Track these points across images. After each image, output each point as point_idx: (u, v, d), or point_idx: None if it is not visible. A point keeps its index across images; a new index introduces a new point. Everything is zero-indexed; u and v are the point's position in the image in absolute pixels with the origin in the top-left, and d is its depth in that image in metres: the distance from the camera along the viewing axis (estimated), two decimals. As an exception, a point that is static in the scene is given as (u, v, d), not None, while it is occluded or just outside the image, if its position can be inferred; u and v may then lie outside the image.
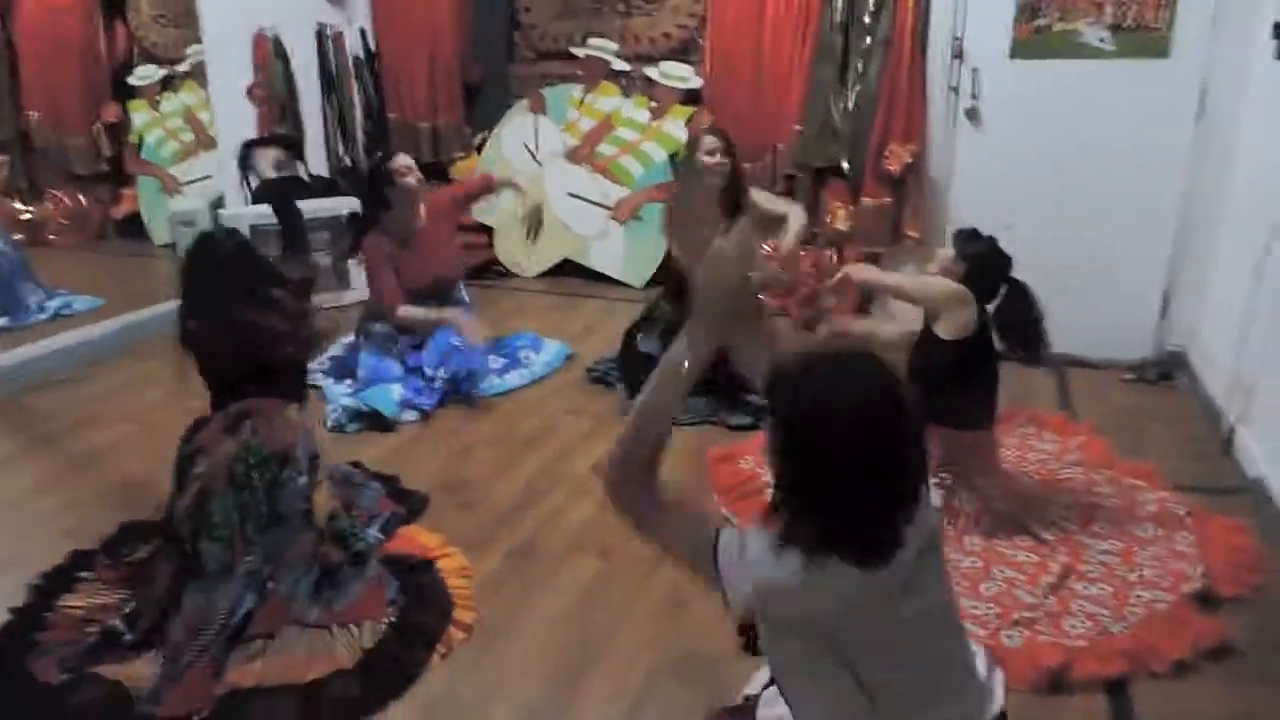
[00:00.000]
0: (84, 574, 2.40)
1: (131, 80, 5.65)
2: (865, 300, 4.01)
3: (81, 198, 5.89)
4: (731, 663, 2.01)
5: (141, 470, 2.96)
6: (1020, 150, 3.75)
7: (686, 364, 1.34)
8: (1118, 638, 2.12)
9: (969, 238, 2.64)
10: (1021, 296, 2.60)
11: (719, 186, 3.29)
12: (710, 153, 3.29)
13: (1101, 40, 3.55)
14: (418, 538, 2.60)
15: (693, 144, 3.45)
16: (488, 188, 4.11)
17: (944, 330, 2.50)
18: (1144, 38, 3.50)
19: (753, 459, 2.93)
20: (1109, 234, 3.68)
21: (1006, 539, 2.51)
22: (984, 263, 2.60)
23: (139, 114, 5.71)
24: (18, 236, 5.61)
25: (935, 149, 3.93)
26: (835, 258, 4.04)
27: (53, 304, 4.64)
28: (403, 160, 3.60)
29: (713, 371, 3.42)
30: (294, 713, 1.90)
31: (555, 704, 1.97)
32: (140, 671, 2.01)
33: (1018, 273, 2.65)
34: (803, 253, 4.39)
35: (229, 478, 2.11)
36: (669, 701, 1.96)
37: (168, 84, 5.55)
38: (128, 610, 2.20)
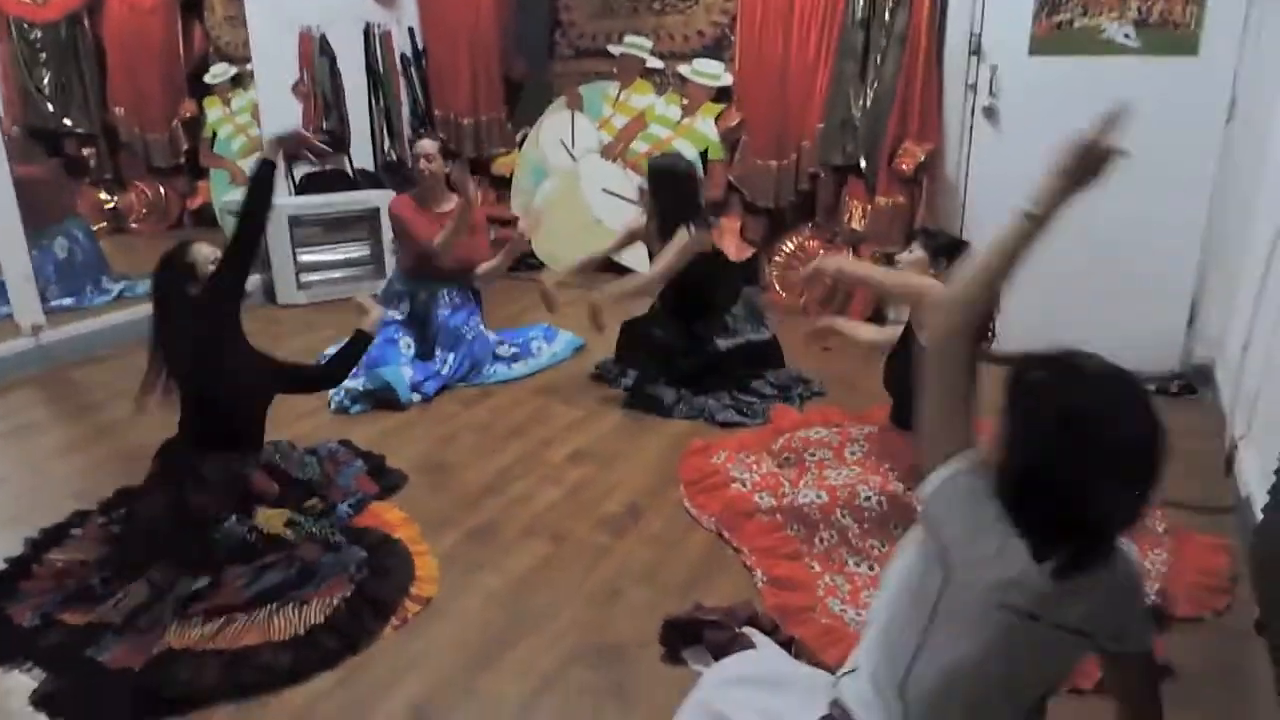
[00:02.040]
0: (75, 531, 2.60)
1: (206, 78, 5.98)
2: (879, 303, 3.94)
3: (160, 189, 6.29)
4: (645, 657, 2.05)
5: (154, 441, 3.16)
6: (1040, 150, 3.55)
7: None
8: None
9: (931, 234, 2.59)
10: None
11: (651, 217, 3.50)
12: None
13: (1126, 37, 3.39)
14: (384, 514, 2.71)
15: None
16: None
17: (927, 338, 2.40)
18: (1171, 34, 3.33)
19: (725, 454, 2.94)
20: (1133, 239, 3.51)
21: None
22: (955, 255, 2.51)
23: (212, 110, 6.05)
24: (102, 224, 6.05)
25: (951, 148, 3.83)
26: (851, 257, 3.98)
27: (117, 286, 4.97)
28: (426, 145, 3.70)
29: (716, 363, 3.47)
30: (218, 674, 2.00)
31: (465, 678, 2.03)
32: (100, 622, 2.18)
33: (1035, 275, 2.52)
34: (821, 252, 4.36)
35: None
36: (574, 685, 2.00)
37: (238, 81, 5.86)
38: (103, 568, 2.38)
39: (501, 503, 2.80)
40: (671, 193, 3.41)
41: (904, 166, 3.79)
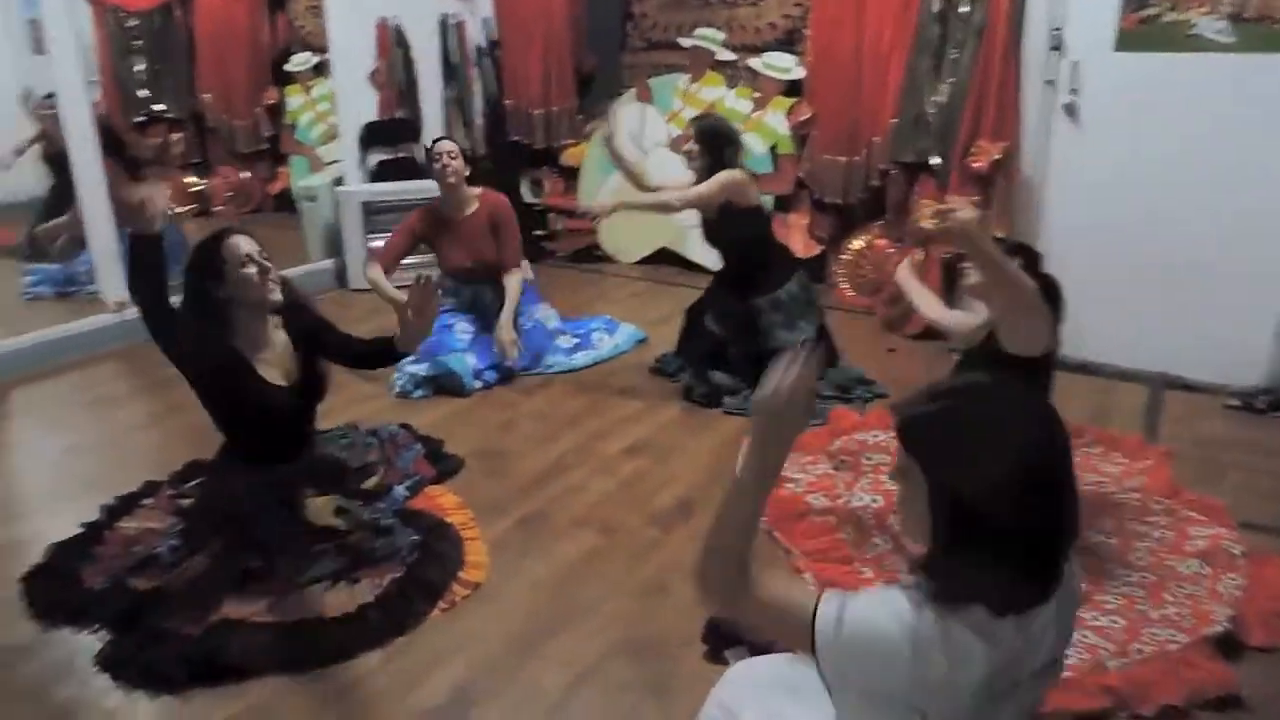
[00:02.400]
0: (146, 501, 2.71)
1: (289, 66, 6.16)
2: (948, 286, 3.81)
3: (244, 173, 6.50)
4: (687, 655, 2.04)
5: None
6: (1122, 150, 3.47)
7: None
8: (1109, 674, 1.97)
9: (998, 240, 2.46)
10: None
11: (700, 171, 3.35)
12: (685, 140, 3.42)
13: (1219, 32, 3.23)
14: (439, 498, 2.75)
15: None
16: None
17: (1012, 343, 2.22)
18: (1268, 30, 3.15)
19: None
20: (1220, 244, 3.35)
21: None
22: (1030, 261, 2.32)
23: (294, 98, 6.22)
24: (189, 207, 6.28)
25: (1028, 146, 3.70)
26: (923, 258, 3.88)
27: (198, 267, 5.13)
28: (444, 145, 3.68)
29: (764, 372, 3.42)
30: (270, 646, 2.06)
31: (507, 664, 2.05)
32: (164, 589, 2.26)
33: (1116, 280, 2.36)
34: (890, 251, 4.27)
35: None
36: (613, 678, 2.00)
37: (319, 70, 6.01)
38: (171, 538, 2.46)
39: (554, 492, 2.81)
40: (719, 151, 3.32)
41: (978, 165, 3.68)
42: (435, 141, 3.76)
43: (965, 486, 1.11)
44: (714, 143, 3.33)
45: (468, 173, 3.72)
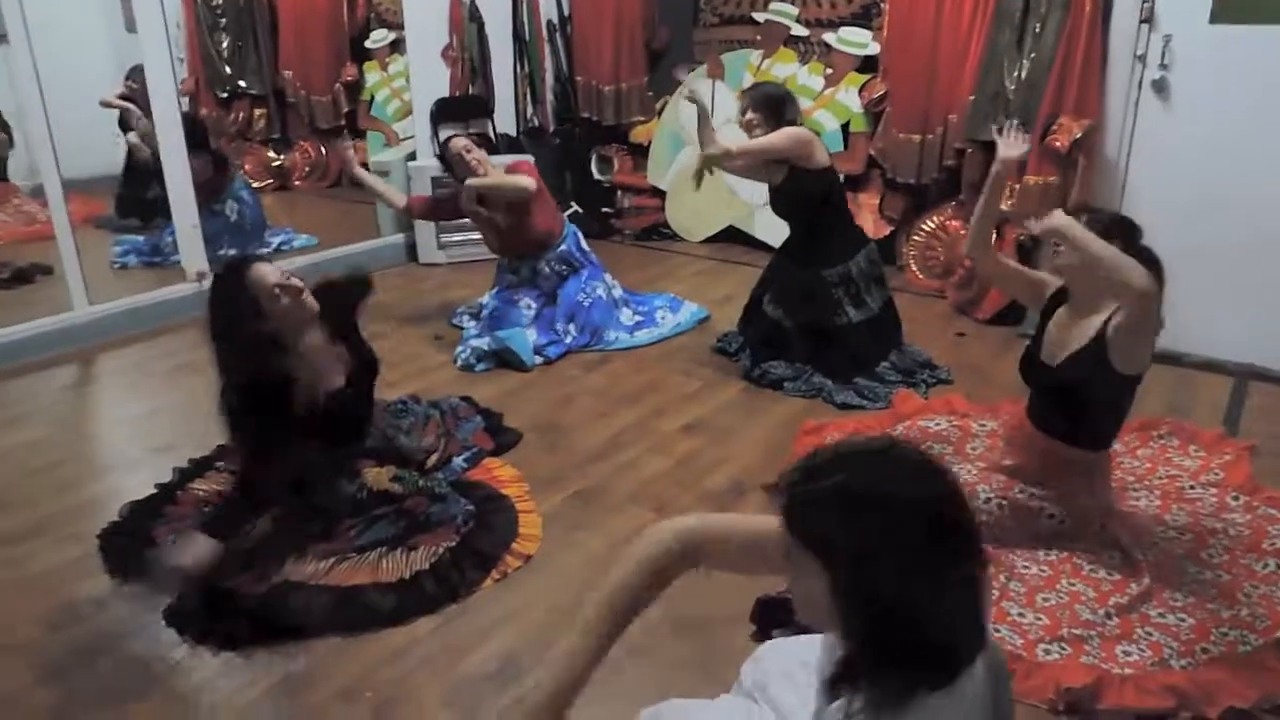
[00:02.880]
0: (219, 464, 2.81)
1: (367, 44, 6.25)
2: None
3: (322, 149, 6.64)
4: (735, 633, 2.03)
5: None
6: (1215, 129, 3.29)
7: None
8: (1173, 673, 1.90)
9: (1095, 213, 2.27)
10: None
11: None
12: (742, 113, 3.31)
13: (1330, 2, 3.04)
14: (496, 470, 2.79)
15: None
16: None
17: (1125, 363, 2.12)
18: (1382, -2, 2.96)
19: (839, 436, 2.86)
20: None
21: (1091, 554, 2.29)
22: (1129, 237, 2.17)
23: (371, 74, 6.32)
24: (268, 181, 6.46)
25: (1113, 124, 3.53)
26: (995, 239, 3.76)
27: (276, 239, 5.29)
28: (459, 143, 3.71)
29: (826, 350, 3.32)
30: (327, 609, 2.12)
31: (555, 635, 2.06)
32: (229, 550, 2.34)
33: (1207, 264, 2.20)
34: (963, 233, 4.15)
35: None
36: (664, 656, 2.00)
37: (396, 46, 6.09)
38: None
39: (610, 468, 2.82)
40: (779, 114, 3.21)
41: (1059, 143, 3.53)
42: (447, 141, 3.79)
43: (880, 582, 0.99)
44: (771, 106, 3.22)
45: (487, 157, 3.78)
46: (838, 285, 3.30)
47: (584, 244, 3.98)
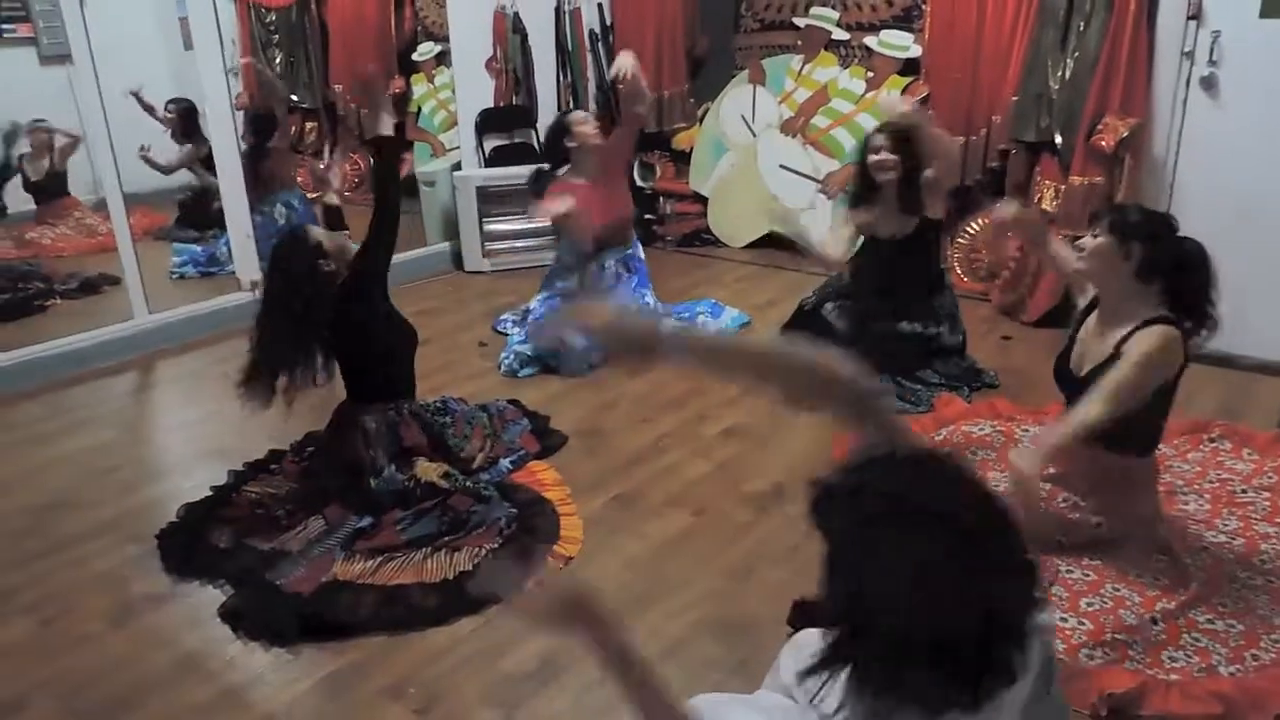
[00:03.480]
0: (272, 467, 2.89)
1: (414, 56, 6.38)
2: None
3: (371, 160, 6.78)
4: (773, 637, 2.03)
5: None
6: (1267, 126, 3.21)
7: None
8: (1221, 679, 1.87)
9: (1121, 212, 2.20)
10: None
11: (892, 185, 3.25)
12: (875, 151, 3.24)
13: (1387, -6, 2.96)
14: (539, 473, 2.83)
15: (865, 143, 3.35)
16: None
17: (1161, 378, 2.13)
18: None
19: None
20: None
21: (1137, 559, 2.25)
22: (1153, 240, 2.11)
23: (418, 86, 6.44)
24: (319, 193, 6.61)
25: (1159, 123, 3.47)
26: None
27: (327, 248, 5.41)
28: (579, 115, 3.85)
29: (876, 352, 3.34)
30: (373, 607, 2.18)
31: (594, 636, 2.10)
32: (281, 550, 2.42)
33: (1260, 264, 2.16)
34: (1009, 235, 4.10)
35: None
36: (698, 655, 2.02)
37: (441, 59, 6.20)
38: (288, 501, 2.64)
39: (651, 472, 2.85)
40: (916, 155, 3.19)
41: (1104, 143, 3.47)
42: (567, 114, 3.95)
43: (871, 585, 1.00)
44: (910, 147, 3.18)
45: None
46: (912, 339, 3.34)
47: (642, 251, 4.04)
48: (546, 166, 3.94)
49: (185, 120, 5.28)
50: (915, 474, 1.05)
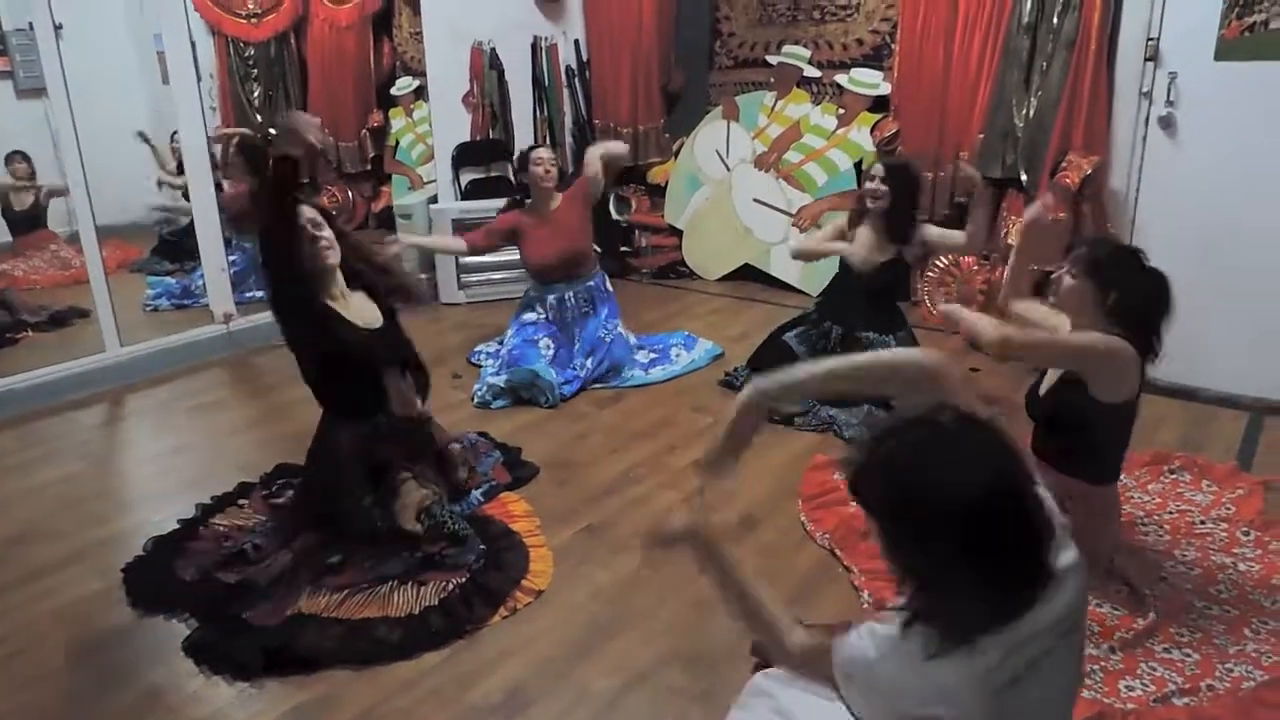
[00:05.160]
0: (240, 501, 2.88)
1: (393, 90, 6.44)
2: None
3: (349, 192, 6.82)
4: (738, 666, 2.04)
5: (316, 422, 3.45)
6: (1223, 163, 3.31)
7: None
8: (1175, 709, 1.90)
9: (1092, 245, 2.27)
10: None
11: (880, 214, 3.41)
12: (870, 180, 3.43)
13: (1333, 38, 3.06)
14: (510, 505, 2.84)
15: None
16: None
17: (1102, 393, 2.15)
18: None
19: (847, 471, 2.88)
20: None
21: (1097, 589, 2.29)
22: (1117, 269, 2.18)
23: (396, 120, 6.49)
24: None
25: (1120, 161, 3.57)
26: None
27: (303, 280, 5.41)
28: (540, 153, 3.90)
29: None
30: (338, 641, 2.17)
31: (561, 666, 2.10)
32: (248, 583, 2.41)
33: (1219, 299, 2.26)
34: (975, 268, 4.18)
35: None
36: (663, 686, 2.03)
37: (420, 93, 6.26)
38: (257, 535, 2.63)
39: (620, 503, 2.86)
40: (910, 193, 3.39)
41: (1067, 180, 3.57)
42: (532, 149, 3.97)
43: (909, 527, 1.14)
44: (904, 181, 3.37)
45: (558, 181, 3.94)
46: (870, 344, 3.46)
47: (608, 284, 4.09)
48: (519, 196, 4.01)
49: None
50: (942, 442, 1.14)
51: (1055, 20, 3.65)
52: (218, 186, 4.89)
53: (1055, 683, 1.23)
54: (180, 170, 5.30)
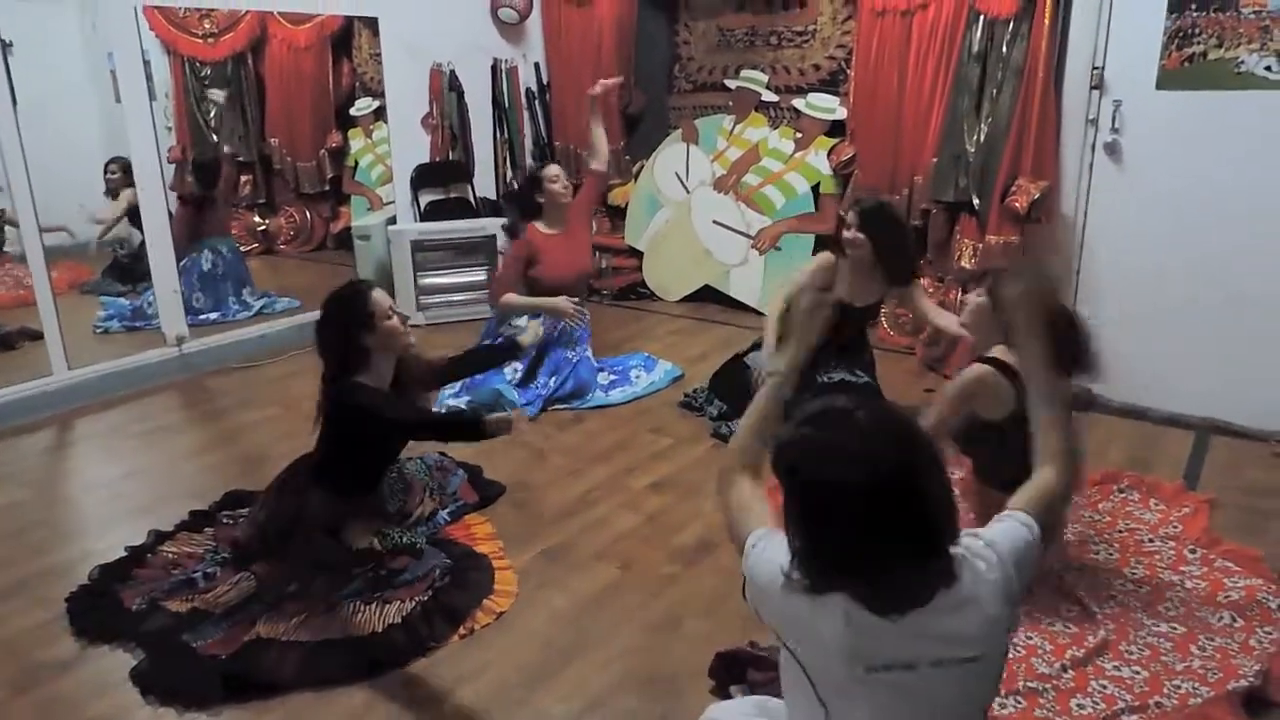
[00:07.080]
0: (189, 527, 2.82)
1: (352, 111, 6.41)
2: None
3: (307, 213, 6.76)
4: (695, 689, 2.05)
5: (269, 446, 3.40)
6: (1166, 189, 3.41)
7: None
8: (1125, 724, 1.93)
9: (999, 276, 2.40)
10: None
11: (862, 260, 3.25)
12: (847, 228, 3.28)
13: (1269, 69, 3.17)
14: (474, 526, 2.82)
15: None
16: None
17: (986, 414, 2.30)
18: (1317, 67, 3.10)
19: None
20: (1268, 285, 3.26)
21: (1049, 607, 2.32)
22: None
23: (355, 141, 6.46)
24: (254, 245, 6.55)
25: (1068, 186, 3.66)
26: (960, 297, 3.85)
27: (258, 303, 5.35)
28: (553, 170, 3.92)
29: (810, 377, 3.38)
30: (298, 665, 2.14)
31: (519, 692, 2.09)
32: (199, 610, 2.36)
33: (1164, 320, 2.35)
34: (930, 292, 4.24)
35: None
36: (621, 710, 2.02)
37: (379, 114, 6.24)
38: (208, 562, 2.57)
39: (579, 525, 2.85)
40: (892, 234, 3.21)
41: (1017, 204, 3.65)
42: (540, 169, 4.02)
43: (796, 504, 1.24)
44: (884, 227, 3.19)
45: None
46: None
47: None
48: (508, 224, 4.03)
49: (128, 175, 5.22)
50: (846, 434, 1.23)
51: (1005, 49, 3.74)
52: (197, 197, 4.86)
53: (940, 697, 1.27)
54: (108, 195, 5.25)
